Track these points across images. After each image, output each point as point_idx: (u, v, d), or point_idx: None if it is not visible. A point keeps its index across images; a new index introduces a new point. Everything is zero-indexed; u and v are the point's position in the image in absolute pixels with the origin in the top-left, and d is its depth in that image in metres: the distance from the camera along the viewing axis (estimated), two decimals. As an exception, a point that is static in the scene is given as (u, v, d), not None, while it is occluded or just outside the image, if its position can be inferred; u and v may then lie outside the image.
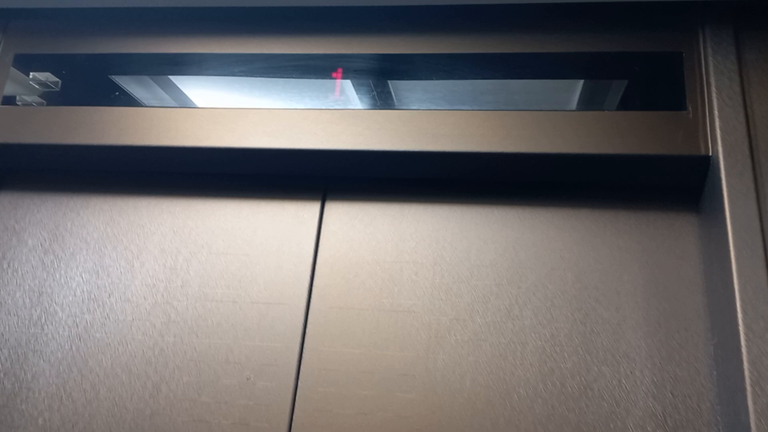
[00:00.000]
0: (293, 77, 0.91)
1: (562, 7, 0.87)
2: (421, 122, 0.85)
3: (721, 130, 0.78)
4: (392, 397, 0.81)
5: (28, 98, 0.95)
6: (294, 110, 0.89)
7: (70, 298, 0.92)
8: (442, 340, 0.83)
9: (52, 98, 0.95)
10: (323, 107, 0.88)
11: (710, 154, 0.78)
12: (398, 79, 0.89)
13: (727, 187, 0.76)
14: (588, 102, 0.84)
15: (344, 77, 0.90)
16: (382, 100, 0.88)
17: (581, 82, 0.85)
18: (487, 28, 0.90)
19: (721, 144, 0.77)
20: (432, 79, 0.88)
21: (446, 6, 0.90)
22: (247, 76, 0.93)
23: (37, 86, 0.96)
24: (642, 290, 0.82)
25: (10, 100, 0.96)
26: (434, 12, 0.91)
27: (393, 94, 0.88)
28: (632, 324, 0.81)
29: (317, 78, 0.91)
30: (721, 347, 0.75)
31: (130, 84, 0.95)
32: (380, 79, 0.89)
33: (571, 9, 0.87)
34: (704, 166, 0.80)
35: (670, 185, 0.85)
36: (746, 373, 0.68)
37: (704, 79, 0.81)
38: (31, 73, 0.97)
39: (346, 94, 0.89)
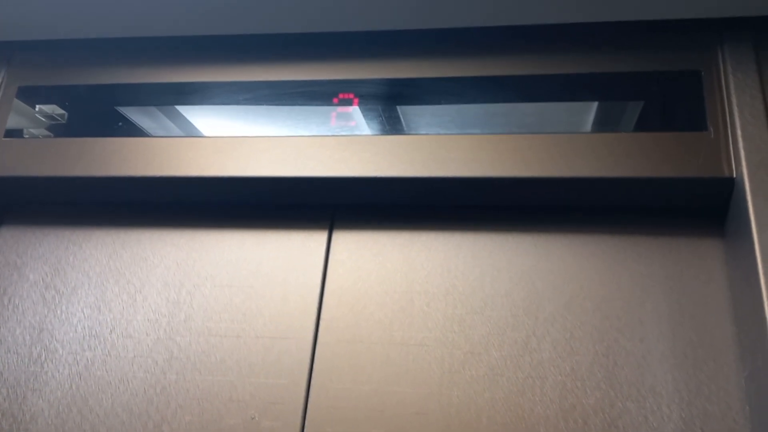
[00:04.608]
0: (298, 104, 0.89)
1: (574, 27, 0.85)
2: (431, 147, 0.83)
3: (744, 150, 0.75)
4: (404, 437, 0.77)
5: (35, 131, 0.94)
6: (299, 137, 0.87)
7: (71, 335, 0.89)
8: (456, 376, 0.79)
9: (59, 130, 0.94)
10: (329, 134, 0.86)
11: (734, 175, 0.75)
12: (406, 104, 0.87)
13: (754, 208, 0.72)
14: (603, 124, 0.81)
15: (351, 103, 0.88)
16: (391, 125, 0.86)
17: (596, 103, 0.83)
18: (497, 50, 0.88)
19: (745, 164, 0.74)
20: (441, 103, 0.86)
21: (455, 29, 0.88)
22: (251, 104, 0.91)
23: (43, 119, 0.95)
24: (667, 319, 0.78)
25: (13, 133, 0.95)
26: (442, 35, 0.89)
27: (402, 119, 0.86)
28: (658, 356, 0.76)
29: (323, 104, 0.89)
30: (754, 379, 0.71)
31: (135, 114, 0.93)
32: (388, 104, 0.87)
33: (585, 29, 0.85)
34: (728, 187, 0.76)
35: (693, 208, 0.82)
36: (783, 408, 0.63)
37: (725, 97, 0.78)
38: (37, 106, 0.96)
39: (353, 119, 0.87)
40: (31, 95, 0.98)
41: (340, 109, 0.88)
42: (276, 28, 0.90)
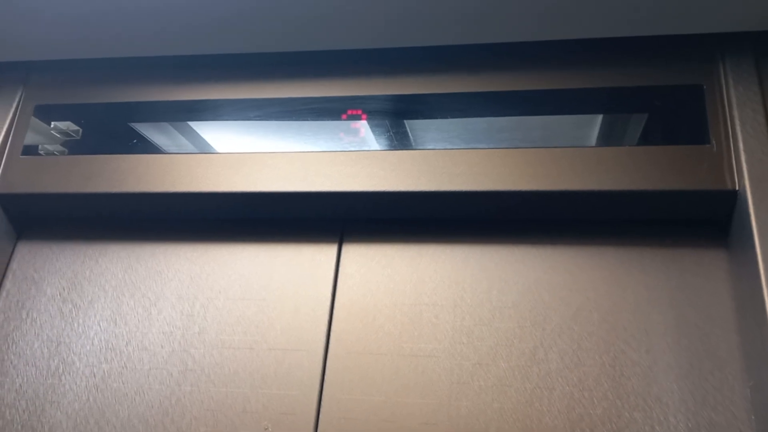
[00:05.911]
0: (308, 120, 0.91)
1: (579, 43, 0.86)
2: (437, 162, 0.84)
3: (746, 162, 0.76)
4: (415, 447, 0.78)
5: (50, 147, 0.97)
6: (309, 153, 0.88)
7: (88, 348, 0.91)
8: (464, 386, 0.80)
9: (74, 147, 0.96)
10: (338, 149, 0.88)
11: (737, 187, 0.76)
12: (413, 119, 0.89)
13: (756, 220, 0.73)
14: (608, 138, 0.82)
15: (359, 119, 0.90)
16: (398, 140, 0.87)
17: (600, 117, 0.84)
18: (502, 66, 0.89)
19: (747, 177, 0.75)
20: (448, 118, 0.87)
21: (461, 45, 0.89)
22: (262, 120, 0.93)
23: (58, 135, 0.98)
24: (672, 330, 0.79)
25: (30, 150, 0.97)
26: (449, 51, 0.91)
27: (410, 134, 0.88)
28: (663, 366, 0.77)
29: (332, 120, 0.90)
30: (759, 389, 0.72)
31: (148, 131, 0.95)
32: (396, 119, 0.89)
33: (588, 45, 0.86)
34: (731, 200, 0.77)
35: (696, 220, 0.83)
36: (788, 418, 0.64)
37: (727, 111, 0.79)
38: (52, 123, 0.99)
39: (361, 135, 0.89)
40: (47, 113, 1.00)
41: (349, 124, 0.90)
42: (285, 46, 0.92)
